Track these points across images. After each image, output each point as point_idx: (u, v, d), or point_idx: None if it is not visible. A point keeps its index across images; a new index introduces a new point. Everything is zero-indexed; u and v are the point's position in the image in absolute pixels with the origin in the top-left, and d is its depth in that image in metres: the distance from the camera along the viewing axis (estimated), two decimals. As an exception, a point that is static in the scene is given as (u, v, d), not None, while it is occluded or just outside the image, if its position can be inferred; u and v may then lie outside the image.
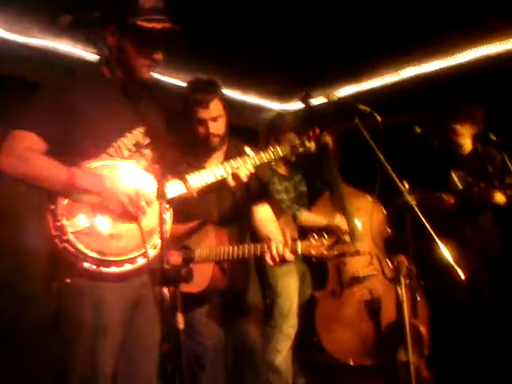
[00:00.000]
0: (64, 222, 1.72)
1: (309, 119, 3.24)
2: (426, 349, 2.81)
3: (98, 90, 1.87)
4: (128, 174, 1.82)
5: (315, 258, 2.26)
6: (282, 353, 3.13)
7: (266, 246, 2.27)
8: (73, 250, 1.72)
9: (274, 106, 4.82)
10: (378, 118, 2.40)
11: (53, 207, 1.74)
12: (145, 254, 1.77)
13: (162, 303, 1.49)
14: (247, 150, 2.21)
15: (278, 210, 2.96)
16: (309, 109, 3.41)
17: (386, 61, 4.09)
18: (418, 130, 3.15)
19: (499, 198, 3.18)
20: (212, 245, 2.38)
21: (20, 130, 1.76)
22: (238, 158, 2.16)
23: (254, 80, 4.33)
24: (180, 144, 2.43)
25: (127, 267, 1.78)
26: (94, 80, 1.90)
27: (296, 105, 4.77)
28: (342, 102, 2.62)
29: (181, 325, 1.50)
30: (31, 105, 1.83)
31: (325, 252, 2.23)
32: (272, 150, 2.22)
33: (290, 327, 3.15)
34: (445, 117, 3.46)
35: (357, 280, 3.23)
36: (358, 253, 2.27)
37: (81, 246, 1.72)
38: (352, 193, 3.39)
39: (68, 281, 1.75)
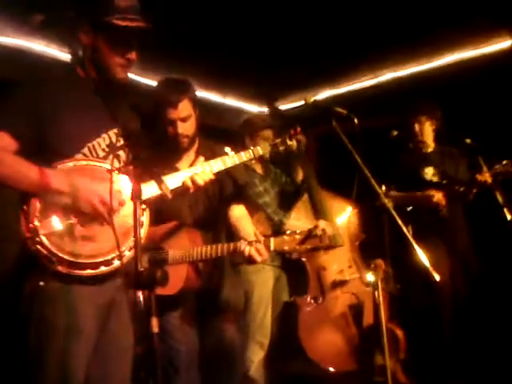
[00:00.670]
0: (37, 223, 1.69)
1: (280, 121, 3.27)
2: (403, 352, 2.82)
3: (72, 90, 1.84)
4: (102, 175, 1.79)
5: (288, 253, 2.29)
6: (255, 363, 3.09)
7: (239, 245, 2.27)
8: (45, 252, 1.69)
9: (253, 108, 4.81)
10: (355, 121, 2.41)
11: (26, 208, 1.70)
12: (120, 256, 1.74)
13: (136, 307, 1.46)
14: (227, 149, 2.19)
15: (253, 209, 2.94)
16: (275, 113, 3.44)
17: (363, 64, 4.12)
18: (395, 133, 3.17)
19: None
20: (185, 246, 2.35)
21: None
22: (218, 158, 2.13)
23: (233, 83, 4.33)
24: (152, 144, 2.41)
25: (102, 269, 1.75)
26: (68, 80, 1.87)
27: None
28: (320, 104, 2.62)
29: (155, 329, 1.47)
30: (4, 104, 1.79)
31: (297, 247, 2.25)
32: (252, 149, 2.20)
33: (263, 337, 3.11)
34: (405, 117, 3.50)
35: (338, 284, 3.19)
36: (330, 246, 2.28)
37: (53, 249, 1.69)
38: (328, 196, 3.39)
39: (41, 283, 1.72)
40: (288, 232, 2.29)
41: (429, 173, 3.45)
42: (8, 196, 1.83)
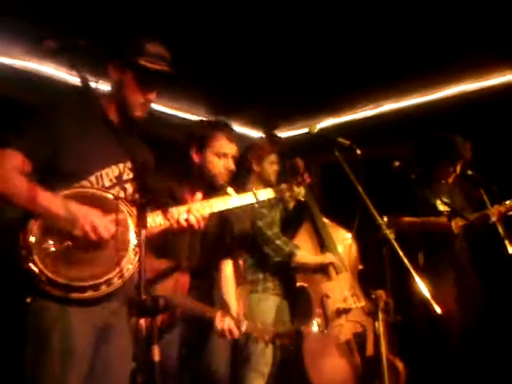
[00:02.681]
0: (32, 242, 1.73)
1: (279, 149, 3.29)
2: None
3: (88, 118, 1.91)
4: (105, 204, 1.83)
5: (256, 340, 2.48)
6: None
7: (214, 317, 2.38)
8: (37, 271, 1.72)
9: (258, 135, 4.85)
10: (358, 152, 2.44)
11: (25, 226, 1.75)
12: (109, 282, 1.77)
13: (138, 334, 1.46)
14: (229, 190, 2.19)
15: (240, 276, 2.96)
16: (274, 141, 3.47)
17: (365, 94, 4.17)
18: (397, 163, 3.19)
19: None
20: (170, 289, 2.37)
21: (8, 148, 1.80)
22: (220, 198, 2.12)
23: (238, 109, 4.38)
24: (173, 178, 2.46)
25: (89, 293, 1.77)
26: (84, 108, 1.92)
27: (280, 134, 4.83)
28: (323, 134, 2.65)
29: (156, 357, 1.48)
30: (21, 125, 1.87)
31: (266, 338, 2.47)
32: (254, 192, 2.16)
33: (263, 366, 3.08)
34: (440, 156, 3.46)
35: (342, 312, 3.14)
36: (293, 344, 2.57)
37: (44, 269, 1.72)
38: (328, 224, 3.39)
39: (28, 300, 1.76)
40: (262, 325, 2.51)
41: (440, 204, 3.45)
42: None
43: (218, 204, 2.08)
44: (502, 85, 3.86)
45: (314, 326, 3.02)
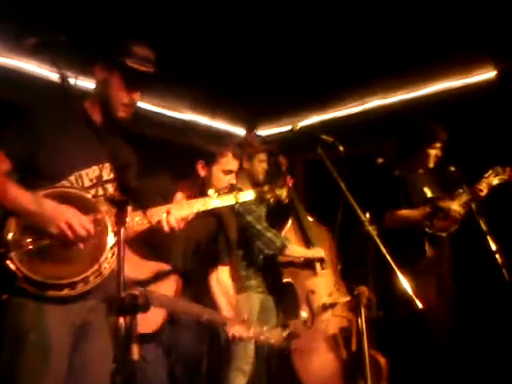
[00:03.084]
0: (10, 239, 1.72)
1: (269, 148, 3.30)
2: (385, 380, 2.82)
3: (70, 119, 1.92)
4: (85, 204, 1.82)
5: (262, 343, 2.58)
6: None
7: (228, 321, 2.47)
8: (13, 268, 1.71)
9: (242, 132, 4.85)
10: (341, 149, 2.45)
11: (3, 223, 1.74)
12: (86, 280, 1.77)
13: (117, 333, 1.46)
14: (210, 191, 2.19)
15: (240, 285, 2.98)
16: (264, 140, 3.48)
17: (351, 92, 4.19)
18: (380, 160, 3.19)
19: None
20: (171, 289, 2.38)
21: None
22: (200, 199, 2.10)
23: (223, 107, 4.38)
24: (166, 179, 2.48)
25: (66, 292, 1.77)
26: (67, 109, 1.92)
27: (263, 132, 4.85)
28: (306, 132, 2.66)
29: (135, 356, 1.47)
30: (1, 125, 1.87)
31: (272, 341, 2.55)
32: (235, 194, 2.14)
33: (245, 364, 3.07)
34: (418, 141, 3.44)
35: (328, 307, 3.16)
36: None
37: (21, 266, 1.72)
38: (312, 223, 3.40)
39: (4, 297, 1.75)
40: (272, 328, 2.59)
41: (428, 192, 3.43)
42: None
43: (198, 205, 2.06)
44: (484, 81, 3.90)
45: (303, 317, 3.04)
